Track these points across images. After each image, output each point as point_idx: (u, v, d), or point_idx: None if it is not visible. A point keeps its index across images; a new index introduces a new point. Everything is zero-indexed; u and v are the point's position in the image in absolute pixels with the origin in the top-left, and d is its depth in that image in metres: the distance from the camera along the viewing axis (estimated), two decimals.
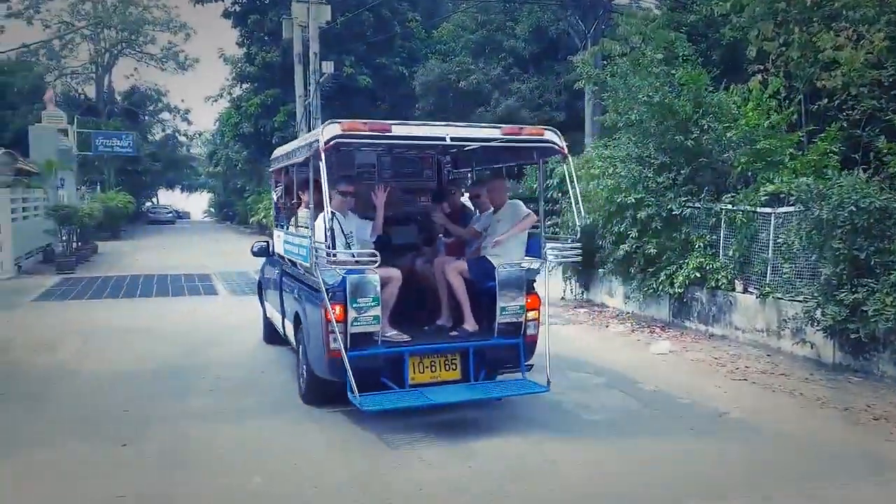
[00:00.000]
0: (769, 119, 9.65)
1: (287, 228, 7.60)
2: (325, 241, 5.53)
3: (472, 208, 7.45)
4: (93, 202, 27.09)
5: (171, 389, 6.97)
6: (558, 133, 6.00)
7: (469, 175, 8.28)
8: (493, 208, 6.77)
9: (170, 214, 55.71)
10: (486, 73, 26.37)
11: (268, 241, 8.69)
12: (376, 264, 5.48)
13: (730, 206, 9.18)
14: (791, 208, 8.22)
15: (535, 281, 6.31)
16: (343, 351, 5.44)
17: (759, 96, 9.88)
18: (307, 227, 6.29)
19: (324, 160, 5.38)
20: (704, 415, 6.24)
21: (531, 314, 6.18)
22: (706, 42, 13.75)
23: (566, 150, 5.99)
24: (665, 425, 5.99)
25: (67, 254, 18.76)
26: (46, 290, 14.10)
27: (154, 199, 65.44)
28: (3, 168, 16.18)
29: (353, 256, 5.71)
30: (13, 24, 41.01)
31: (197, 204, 76.19)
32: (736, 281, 9.14)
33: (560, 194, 12.68)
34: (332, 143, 5.38)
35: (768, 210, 8.68)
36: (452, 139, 5.80)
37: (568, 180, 6.14)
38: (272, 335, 8.63)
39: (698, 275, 9.30)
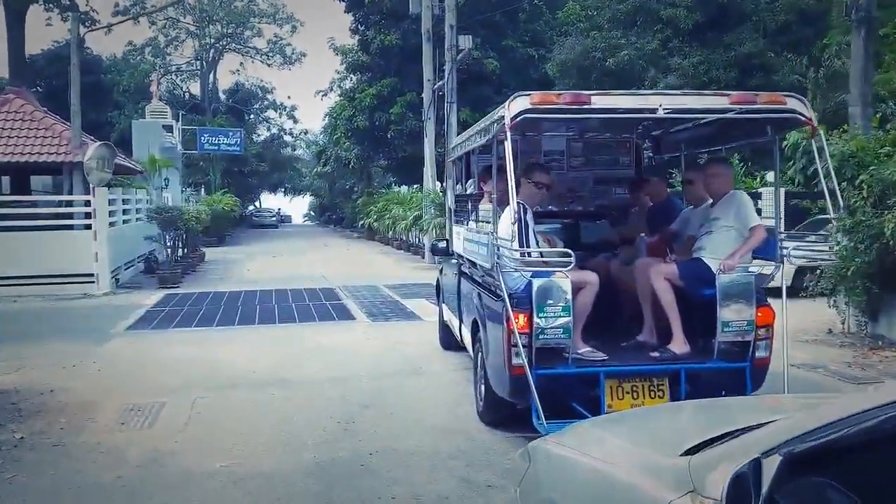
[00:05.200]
0: None
1: (467, 224, 6.68)
2: (512, 238, 4.71)
3: (682, 200, 6.41)
4: (199, 204, 25.01)
5: None
6: (804, 100, 5.01)
7: (673, 160, 7.47)
8: (710, 200, 5.68)
9: (273, 218, 56.38)
10: (639, 49, 22.51)
11: (447, 240, 7.89)
12: (570, 266, 4.64)
13: None
14: None
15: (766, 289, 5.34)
16: (528, 368, 4.67)
17: None
18: (488, 223, 5.45)
19: (509, 140, 4.69)
20: None
21: (762, 331, 5.06)
22: None
23: (814, 122, 4.99)
24: None
25: (172, 263, 16.26)
26: (146, 311, 11.37)
27: (257, 202, 65.21)
28: (101, 162, 13.61)
29: (542, 255, 5.13)
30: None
31: (298, 207, 75.63)
32: None
33: (845, 182, 8.83)
34: (518, 118, 4.70)
35: None
36: (666, 111, 4.92)
37: (820, 160, 5.22)
38: (448, 340, 7.96)
39: None
